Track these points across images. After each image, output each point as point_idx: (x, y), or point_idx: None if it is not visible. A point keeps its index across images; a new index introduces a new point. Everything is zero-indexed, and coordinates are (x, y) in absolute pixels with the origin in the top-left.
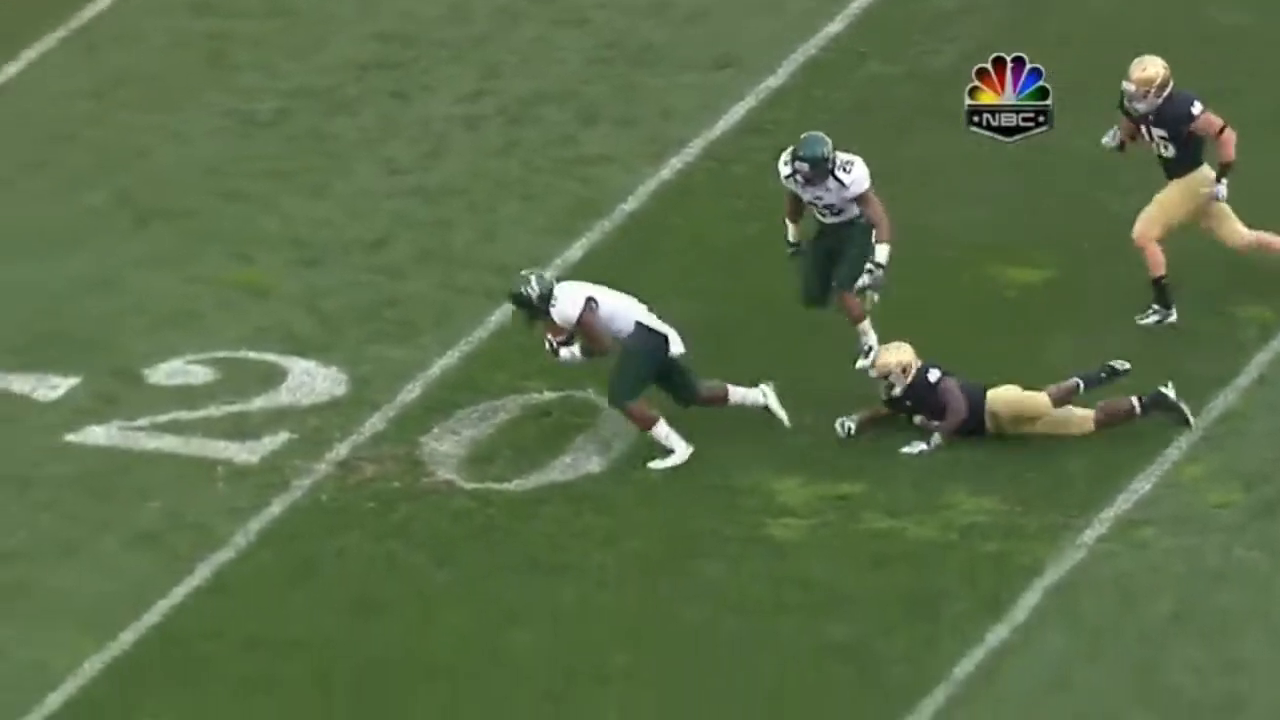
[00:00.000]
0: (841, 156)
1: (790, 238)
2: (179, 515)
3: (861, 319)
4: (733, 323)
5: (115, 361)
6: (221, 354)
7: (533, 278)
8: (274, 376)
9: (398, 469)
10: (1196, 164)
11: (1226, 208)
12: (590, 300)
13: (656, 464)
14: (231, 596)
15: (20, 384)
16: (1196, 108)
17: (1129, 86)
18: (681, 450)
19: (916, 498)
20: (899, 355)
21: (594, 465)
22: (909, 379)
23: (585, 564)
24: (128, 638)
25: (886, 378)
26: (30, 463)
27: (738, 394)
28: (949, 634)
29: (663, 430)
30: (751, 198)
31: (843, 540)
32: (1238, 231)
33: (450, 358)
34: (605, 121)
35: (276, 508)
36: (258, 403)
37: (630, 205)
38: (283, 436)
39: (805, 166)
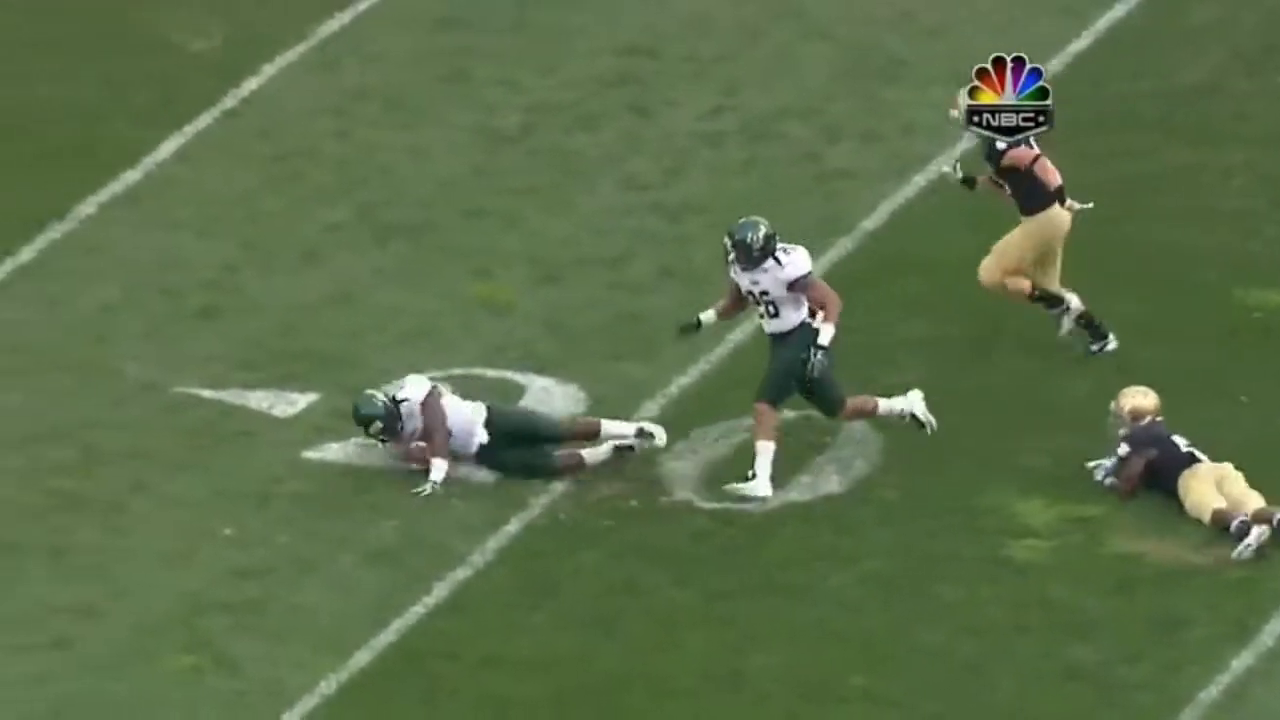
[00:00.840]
0: (783, 244)
1: (698, 317)
2: (416, 533)
3: (769, 436)
4: (967, 342)
5: (354, 378)
6: (458, 370)
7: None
8: (511, 393)
9: (636, 488)
10: (1040, 205)
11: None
12: (435, 389)
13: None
14: (468, 615)
15: (259, 400)
16: (1000, 144)
17: (952, 112)
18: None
19: (1161, 521)
20: (1133, 400)
21: (833, 485)
22: (1131, 428)
23: (824, 585)
24: (364, 656)
25: (1118, 416)
26: (269, 479)
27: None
28: (1194, 659)
29: (603, 450)
30: (994, 215)
31: (1085, 562)
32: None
33: (690, 376)
34: (848, 138)
35: (514, 526)
36: None
37: (871, 223)
38: None
39: (731, 248)
